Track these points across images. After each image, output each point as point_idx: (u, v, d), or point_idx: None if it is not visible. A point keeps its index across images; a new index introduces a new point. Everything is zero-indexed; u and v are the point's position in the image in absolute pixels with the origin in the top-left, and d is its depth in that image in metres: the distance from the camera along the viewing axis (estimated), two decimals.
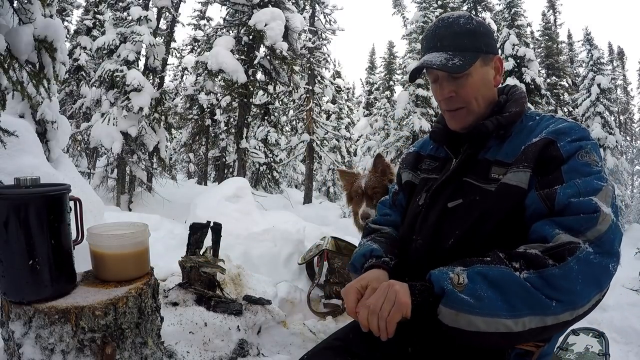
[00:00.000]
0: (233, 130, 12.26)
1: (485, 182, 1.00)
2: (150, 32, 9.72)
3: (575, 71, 23.62)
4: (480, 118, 1.07)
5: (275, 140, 15.32)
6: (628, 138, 23.07)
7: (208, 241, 2.41)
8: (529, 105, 1.12)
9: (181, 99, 14.49)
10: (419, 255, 1.07)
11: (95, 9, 13.64)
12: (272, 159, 14.58)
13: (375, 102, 20.81)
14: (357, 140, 21.60)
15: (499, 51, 1.06)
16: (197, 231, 2.33)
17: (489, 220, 0.96)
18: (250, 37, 9.41)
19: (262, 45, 9.53)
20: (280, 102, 13.05)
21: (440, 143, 1.19)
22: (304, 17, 12.37)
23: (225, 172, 14.53)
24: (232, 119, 13.20)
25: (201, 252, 2.34)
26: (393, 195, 1.35)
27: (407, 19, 16.20)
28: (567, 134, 0.94)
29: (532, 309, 0.79)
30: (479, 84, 1.05)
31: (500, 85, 1.14)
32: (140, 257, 0.71)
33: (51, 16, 3.79)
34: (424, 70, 1.10)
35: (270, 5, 9.47)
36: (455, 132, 1.12)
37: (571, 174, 0.90)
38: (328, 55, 14.49)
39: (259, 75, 10.27)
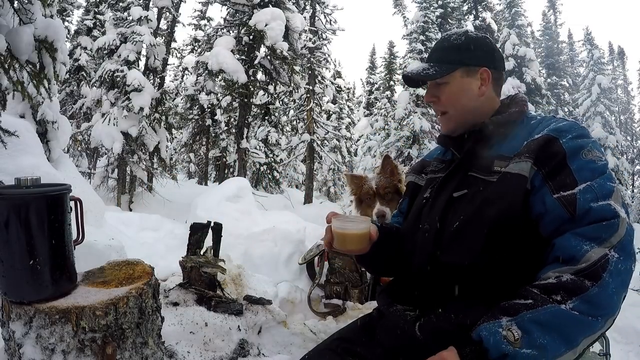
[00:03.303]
0: (233, 130, 12.27)
1: (489, 175, 1.07)
2: (151, 32, 9.72)
3: (575, 71, 23.61)
4: (464, 125, 1.18)
5: (276, 140, 15.29)
6: (629, 138, 23.03)
7: (208, 241, 2.41)
8: (530, 106, 1.16)
9: (182, 99, 14.51)
10: (424, 239, 1.13)
11: (96, 9, 13.66)
12: (272, 159, 14.56)
13: (376, 102, 20.80)
14: (358, 140, 21.60)
15: (495, 62, 1.19)
16: (197, 231, 2.33)
17: (491, 205, 1.01)
18: (251, 37, 9.42)
19: (262, 45, 9.53)
20: (281, 102, 13.05)
21: (446, 146, 1.28)
22: (305, 17, 12.36)
23: (226, 172, 14.53)
24: (232, 119, 13.21)
25: (202, 252, 2.35)
26: (400, 204, 1.45)
27: (408, 19, 16.20)
28: (567, 132, 1.00)
29: (585, 333, 0.84)
30: (457, 93, 1.16)
31: (501, 97, 1.24)
32: (364, 237, 1.09)
33: (52, 16, 3.79)
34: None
35: (270, 5, 9.47)
36: (460, 135, 1.21)
37: (582, 172, 0.94)
38: (328, 55, 14.45)
39: (260, 75, 10.27)
